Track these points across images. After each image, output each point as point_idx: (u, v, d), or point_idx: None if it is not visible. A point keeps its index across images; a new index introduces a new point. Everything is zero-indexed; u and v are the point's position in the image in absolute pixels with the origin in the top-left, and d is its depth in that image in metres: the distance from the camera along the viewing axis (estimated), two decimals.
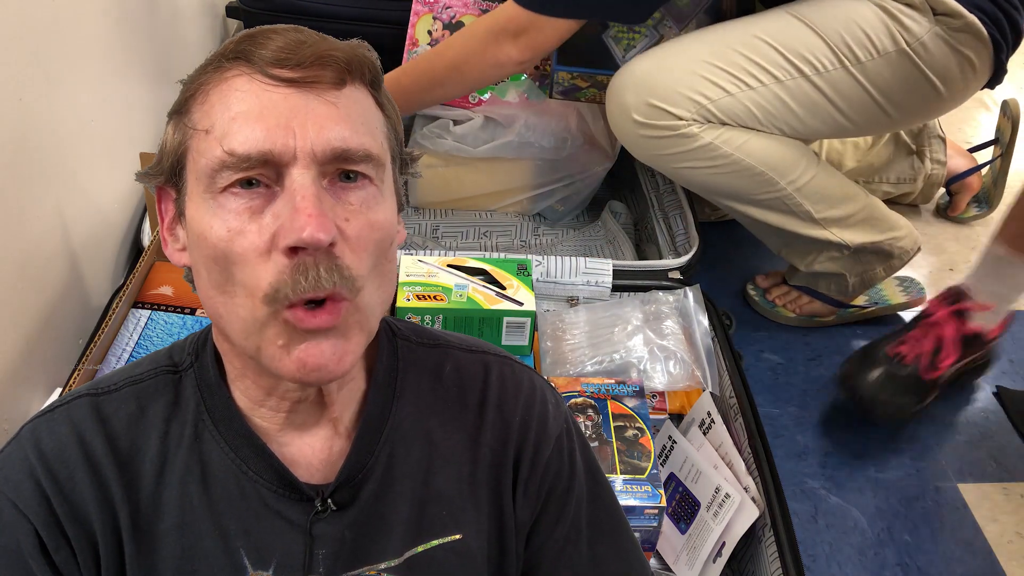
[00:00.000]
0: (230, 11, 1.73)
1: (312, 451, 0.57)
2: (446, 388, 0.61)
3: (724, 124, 1.14)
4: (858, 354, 1.24)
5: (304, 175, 0.49)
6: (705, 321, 1.13)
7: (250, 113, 0.49)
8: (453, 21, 1.46)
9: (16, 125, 0.93)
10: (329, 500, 0.56)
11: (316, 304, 0.49)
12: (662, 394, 1.08)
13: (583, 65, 1.27)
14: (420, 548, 0.57)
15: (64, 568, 0.52)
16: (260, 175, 0.49)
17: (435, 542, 0.57)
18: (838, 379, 1.25)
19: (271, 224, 0.49)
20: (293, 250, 0.48)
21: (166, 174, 0.54)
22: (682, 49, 1.16)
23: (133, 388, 0.57)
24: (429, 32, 1.47)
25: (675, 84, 1.13)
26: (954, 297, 1.19)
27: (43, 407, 0.58)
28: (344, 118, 0.50)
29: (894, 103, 1.14)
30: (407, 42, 1.47)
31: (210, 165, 0.49)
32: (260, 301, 0.49)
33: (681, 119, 1.13)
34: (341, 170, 0.51)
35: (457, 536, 0.58)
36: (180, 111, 0.53)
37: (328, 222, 0.48)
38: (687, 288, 1.17)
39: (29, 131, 0.96)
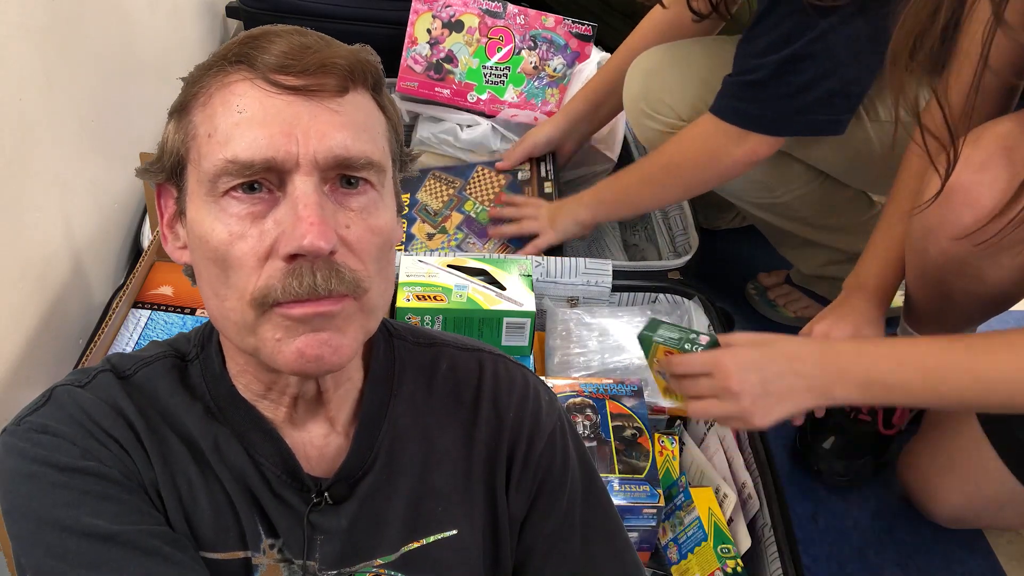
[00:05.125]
0: (230, 11, 1.73)
1: (311, 447, 0.58)
2: (441, 386, 0.62)
3: None
4: (811, 415, 1.15)
5: (306, 182, 0.49)
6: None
7: (253, 120, 0.49)
8: (453, 19, 1.46)
9: (16, 125, 0.93)
10: (326, 494, 0.57)
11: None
12: None
13: None
14: (416, 544, 0.58)
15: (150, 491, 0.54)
16: (263, 179, 0.49)
17: (432, 538, 0.58)
18: (791, 448, 1.18)
19: (272, 230, 0.49)
20: (292, 256, 0.48)
21: (167, 171, 0.54)
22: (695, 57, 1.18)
23: (146, 369, 0.58)
24: (428, 31, 1.47)
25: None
26: None
27: (65, 380, 0.58)
28: (346, 125, 0.51)
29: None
30: (406, 41, 1.47)
31: (212, 170, 0.50)
32: (248, 304, 0.50)
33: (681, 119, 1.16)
34: (342, 176, 0.51)
35: (453, 532, 0.59)
36: (181, 110, 0.53)
37: (329, 230, 0.48)
38: (690, 302, 1.17)
39: (29, 131, 0.96)
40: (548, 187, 1.35)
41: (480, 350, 0.65)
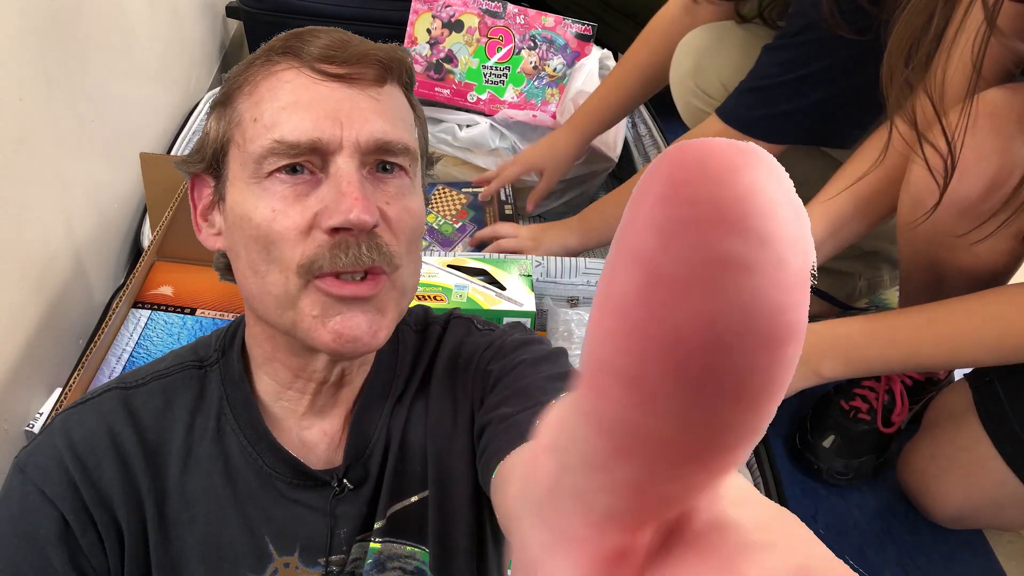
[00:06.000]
0: (230, 11, 1.73)
1: (328, 434, 0.60)
2: (425, 362, 0.65)
3: None
4: (810, 416, 1.17)
5: (349, 163, 0.52)
6: None
7: (299, 104, 0.52)
8: (452, 19, 1.46)
9: (16, 125, 0.93)
10: (344, 480, 0.58)
11: (353, 278, 0.51)
12: None
13: None
14: (398, 506, 0.60)
15: (90, 551, 0.54)
16: (306, 161, 0.52)
17: (412, 499, 0.60)
18: (791, 446, 1.18)
19: (315, 206, 0.51)
20: (335, 230, 0.51)
21: (207, 161, 0.56)
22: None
23: (160, 382, 0.59)
24: (428, 31, 1.47)
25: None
26: None
27: (75, 401, 0.59)
28: (385, 112, 0.54)
29: None
30: (406, 41, 1.47)
31: (258, 152, 0.52)
32: (293, 273, 0.51)
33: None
34: (380, 161, 0.54)
35: (425, 493, 0.60)
36: (224, 103, 0.56)
37: (372, 206, 0.51)
38: None
39: (29, 131, 0.96)
40: (508, 210, 1.37)
41: (449, 319, 0.67)
